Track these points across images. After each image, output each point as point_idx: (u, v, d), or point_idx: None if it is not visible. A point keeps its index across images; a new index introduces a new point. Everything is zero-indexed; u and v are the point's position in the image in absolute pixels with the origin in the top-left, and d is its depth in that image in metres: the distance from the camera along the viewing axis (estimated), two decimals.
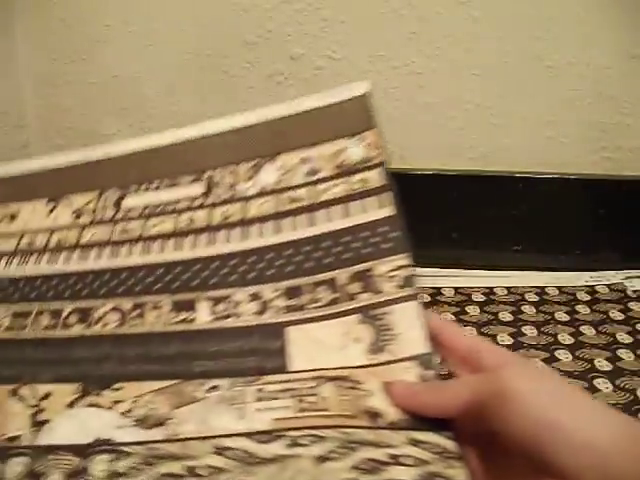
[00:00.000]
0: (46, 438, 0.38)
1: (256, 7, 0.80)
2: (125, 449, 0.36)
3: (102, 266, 0.47)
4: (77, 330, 0.43)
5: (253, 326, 0.41)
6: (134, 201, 0.50)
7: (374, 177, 0.46)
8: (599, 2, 0.71)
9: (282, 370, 0.39)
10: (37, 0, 0.82)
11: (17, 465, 0.36)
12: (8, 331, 0.44)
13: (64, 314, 0.44)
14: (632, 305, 0.74)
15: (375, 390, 0.37)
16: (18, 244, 0.50)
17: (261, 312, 0.41)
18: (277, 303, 0.42)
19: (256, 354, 0.39)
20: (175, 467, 0.35)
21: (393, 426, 0.35)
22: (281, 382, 0.38)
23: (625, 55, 0.71)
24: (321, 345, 0.39)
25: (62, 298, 0.45)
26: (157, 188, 0.50)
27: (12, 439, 0.38)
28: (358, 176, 0.46)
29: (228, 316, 0.42)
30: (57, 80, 0.85)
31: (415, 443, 0.34)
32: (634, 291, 0.77)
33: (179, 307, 0.43)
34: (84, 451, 0.36)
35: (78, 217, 0.51)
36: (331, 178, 0.47)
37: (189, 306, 0.43)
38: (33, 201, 0.53)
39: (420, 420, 0.35)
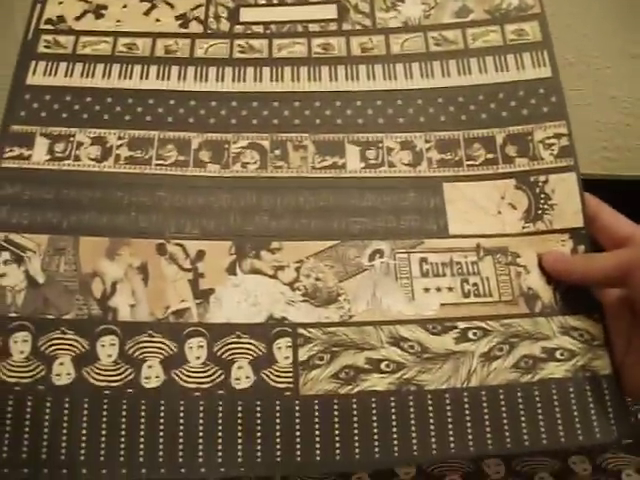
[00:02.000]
0: (217, 314, 0.36)
1: None
2: (304, 332, 0.36)
3: (227, 89, 0.41)
4: (214, 171, 0.39)
5: (408, 178, 0.39)
6: (254, 14, 0.43)
7: (531, 30, 0.42)
8: (599, 2, 0.67)
9: (444, 233, 0.38)
10: None
11: (198, 349, 0.35)
12: (130, 165, 0.39)
13: (193, 146, 0.39)
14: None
15: (531, 265, 0.37)
16: (114, 47, 0.42)
17: (415, 164, 0.39)
18: (431, 155, 0.39)
19: (414, 212, 0.38)
20: (358, 359, 0.35)
21: (548, 312, 0.36)
22: (443, 251, 0.37)
23: (625, 55, 0.68)
24: (477, 207, 0.38)
25: (185, 125, 0.40)
26: (280, 2, 0.44)
27: (179, 313, 0.36)
28: (513, 26, 0.42)
29: (380, 165, 0.39)
30: None
31: (567, 331, 0.36)
32: None
33: (325, 149, 0.39)
34: (265, 334, 0.35)
35: (185, 25, 0.43)
36: (484, 23, 0.42)
37: (337, 149, 0.39)
38: None
39: (572, 303, 0.36)
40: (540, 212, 0.38)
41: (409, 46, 0.42)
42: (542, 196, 0.38)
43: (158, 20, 0.43)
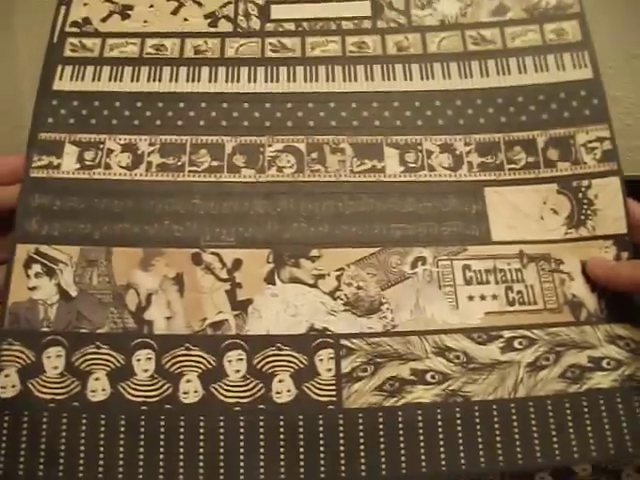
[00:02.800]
0: (256, 325, 0.35)
1: None
2: (347, 343, 0.34)
3: (259, 90, 0.40)
4: (249, 176, 0.38)
5: (449, 182, 0.38)
6: (285, 11, 0.42)
7: (571, 30, 0.41)
8: (599, 2, 0.70)
9: (486, 240, 0.37)
10: (37, 0, 0.81)
11: (237, 362, 0.34)
12: (162, 172, 0.38)
13: (227, 151, 0.38)
14: None
15: (575, 272, 0.36)
16: (142, 49, 0.41)
17: (456, 168, 0.38)
18: (471, 159, 0.38)
19: (456, 218, 0.37)
20: (402, 370, 0.34)
21: (593, 320, 0.35)
22: (486, 258, 0.36)
23: (625, 55, 0.67)
24: (519, 212, 0.37)
25: (218, 129, 0.39)
26: None
27: (216, 325, 0.35)
28: (552, 25, 0.41)
29: (420, 168, 0.38)
30: None
31: (613, 340, 0.35)
32: None
33: (364, 152, 0.38)
34: (306, 346, 0.34)
35: (214, 23, 0.41)
36: (522, 22, 0.41)
37: (376, 152, 0.38)
38: None
39: (617, 310, 0.35)
40: (583, 218, 0.37)
41: (446, 45, 0.41)
42: (585, 201, 0.37)
43: (186, 19, 0.42)
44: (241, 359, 0.34)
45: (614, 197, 0.37)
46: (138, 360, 0.34)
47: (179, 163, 0.38)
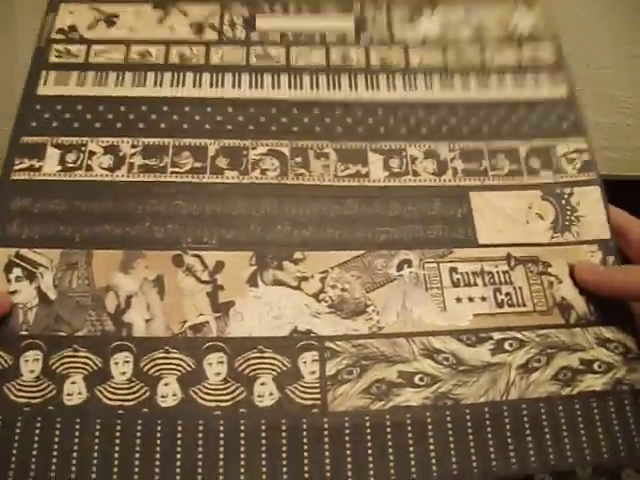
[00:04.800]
0: (238, 327, 0.34)
1: None
2: (331, 345, 0.34)
3: (243, 95, 0.40)
4: (232, 177, 0.37)
5: (434, 187, 0.38)
6: (270, 22, 0.43)
7: (546, 51, 0.43)
8: (599, 2, 0.68)
9: (472, 243, 0.36)
10: (37, 0, 0.84)
11: (217, 365, 0.33)
12: (144, 173, 0.38)
13: (210, 153, 0.38)
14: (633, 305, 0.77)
15: (563, 275, 0.36)
16: (127, 55, 0.41)
17: (440, 173, 0.38)
18: (455, 165, 0.38)
19: (441, 221, 0.37)
20: (389, 372, 0.33)
21: (583, 322, 0.35)
22: (473, 260, 0.36)
23: (625, 55, 0.70)
24: (505, 216, 0.37)
25: (202, 132, 0.39)
26: (297, 12, 0.43)
27: (197, 327, 0.34)
28: (529, 46, 0.43)
29: (405, 173, 0.38)
30: None
31: (603, 343, 0.34)
32: None
33: (348, 157, 0.38)
34: (289, 348, 0.33)
35: (199, 32, 0.42)
36: (499, 41, 0.43)
37: (360, 158, 0.38)
38: (134, 4, 0.43)
39: (605, 313, 0.35)
40: (567, 224, 0.37)
41: (428, 61, 0.42)
42: (568, 208, 0.38)
43: (172, 28, 0.42)
44: (222, 362, 0.33)
45: (596, 205, 0.38)
46: (116, 363, 0.33)
47: (161, 164, 0.37)
